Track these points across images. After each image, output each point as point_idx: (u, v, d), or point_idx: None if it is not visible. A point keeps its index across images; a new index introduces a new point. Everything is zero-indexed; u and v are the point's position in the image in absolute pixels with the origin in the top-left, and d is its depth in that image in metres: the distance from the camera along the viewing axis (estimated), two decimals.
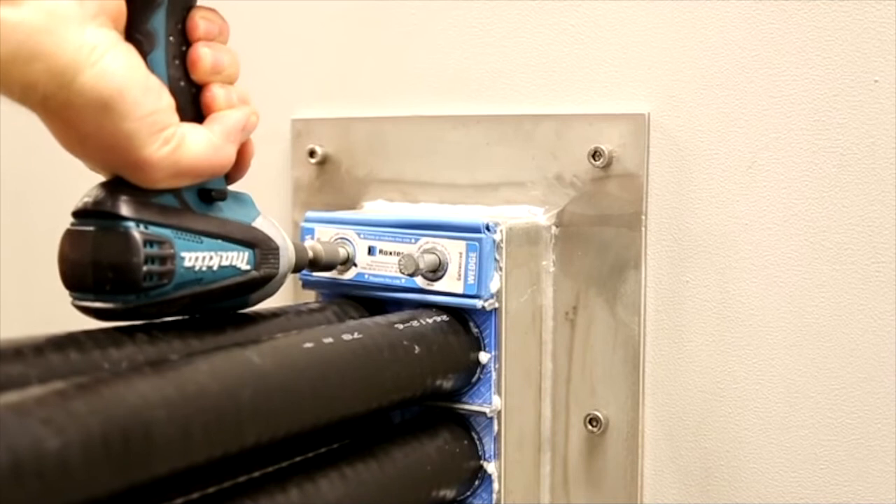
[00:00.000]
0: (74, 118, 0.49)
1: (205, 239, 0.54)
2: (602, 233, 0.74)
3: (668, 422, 0.74)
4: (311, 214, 0.75)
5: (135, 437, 0.42)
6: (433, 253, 0.69)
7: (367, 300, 0.72)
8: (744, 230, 0.71)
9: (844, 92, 0.67)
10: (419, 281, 0.69)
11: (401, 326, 0.63)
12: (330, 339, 0.56)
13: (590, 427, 0.75)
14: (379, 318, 0.63)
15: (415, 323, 0.64)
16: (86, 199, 0.53)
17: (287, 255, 0.60)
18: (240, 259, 0.56)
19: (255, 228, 0.57)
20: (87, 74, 0.48)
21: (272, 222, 0.59)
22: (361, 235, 0.72)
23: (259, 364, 0.50)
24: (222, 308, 0.58)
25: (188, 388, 0.46)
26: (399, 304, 0.71)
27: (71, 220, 0.53)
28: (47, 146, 0.52)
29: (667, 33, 0.72)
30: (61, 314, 0.54)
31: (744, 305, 0.71)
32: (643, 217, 0.73)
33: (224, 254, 0.55)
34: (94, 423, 0.41)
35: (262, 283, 0.58)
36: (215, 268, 0.54)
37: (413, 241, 0.70)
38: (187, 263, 0.53)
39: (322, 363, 0.54)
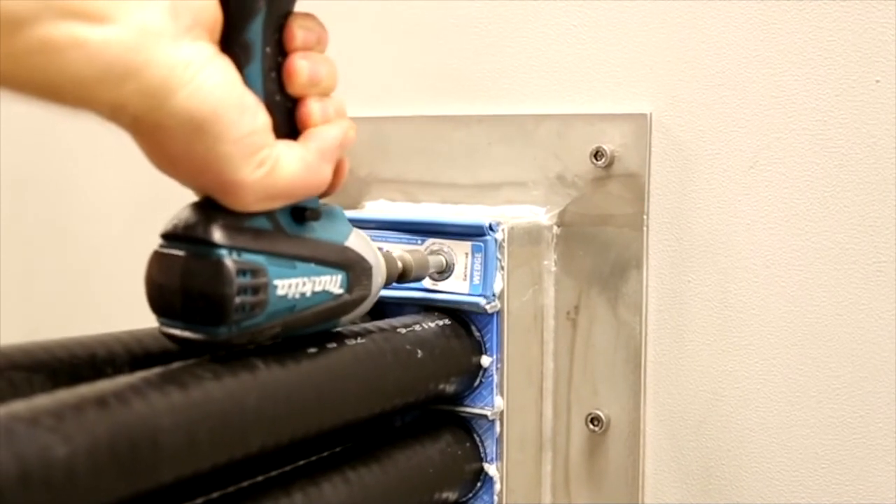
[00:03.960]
0: (165, 139, 0.46)
1: (298, 264, 0.51)
2: (604, 232, 0.74)
3: (669, 421, 0.74)
4: None
5: (141, 445, 0.42)
6: (439, 254, 0.69)
7: None
8: (745, 230, 0.71)
9: (846, 92, 0.67)
10: (425, 281, 0.70)
11: (403, 331, 0.63)
12: (334, 344, 0.56)
13: (591, 426, 0.75)
14: (381, 323, 0.63)
15: (417, 327, 0.64)
16: (175, 222, 0.49)
17: (379, 273, 0.57)
18: (332, 283, 0.53)
19: (348, 248, 0.55)
20: (181, 95, 0.44)
21: (364, 237, 0.56)
22: (370, 237, 0.72)
23: (264, 369, 0.50)
24: (310, 332, 0.55)
25: (194, 395, 0.46)
26: (401, 305, 0.71)
27: (160, 241, 0.50)
28: (48, 144, 0.51)
29: (669, 33, 0.72)
30: (61, 313, 0.54)
31: (745, 305, 0.71)
32: (645, 217, 0.73)
33: (317, 279, 0.52)
34: (102, 431, 0.41)
35: (354, 306, 0.55)
36: (308, 294, 0.52)
37: (419, 242, 0.70)
38: (280, 292, 0.50)
39: (326, 368, 0.54)
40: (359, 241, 0.56)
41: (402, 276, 0.63)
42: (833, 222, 0.68)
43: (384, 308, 0.72)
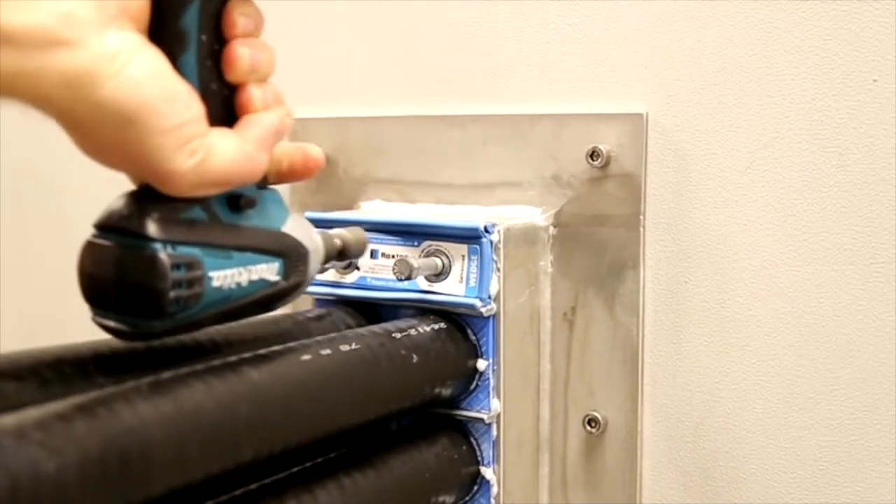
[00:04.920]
0: (93, 131, 0.45)
1: (234, 254, 0.51)
2: (600, 233, 0.74)
3: (666, 422, 0.74)
4: (310, 216, 0.74)
5: (132, 458, 0.42)
6: (436, 256, 0.69)
7: (366, 305, 0.71)
8: (742, 230, 0.70)
9: (843, 91, 0.67)
10: (421, 283, 0.69)
11: (398, 336, 0.62)
12: (328, 351, 0.55)
13: (588, 428, 0.75)
14: (376, 328, 0.62)
15: (412, 332, 0.64)
16: (110, 212, 0.49)
17: (316, 256, 0.56)
18: (269, 271, 0.52)
19: (285, 235, 0.54)
20: (108, 87, 0.43)
21: (301, 221, 0.56)
22: None
23: (256, 378, 0.50)
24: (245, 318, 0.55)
25: (185, 406, 0.45)
26: (396, 308, 0.71)
27: (93, 230, 0.50)
28: (47, 144, 0.50)
29: (664, 33, 0.72)
30: (60, 313, 0.53)
31: (742, 306, 0.71)
32: (641, 217, 0.73)
33: (253, 268, 0.51)
34: (91, 445, 0.41)
35: (290, 292, 0.55)
36: (244, 283, 0.51)
37: (416, 244, 0.70)
38: (215, 283, 0.49)
39: (320, 376, 0.54)
40: (296, 226, 0.55)
41: (341, 254, 0.61)
42: (831, 223, 0.68)
43: (380, 310, 0.71)
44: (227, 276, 0.50)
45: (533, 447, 0.75)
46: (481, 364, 0.69)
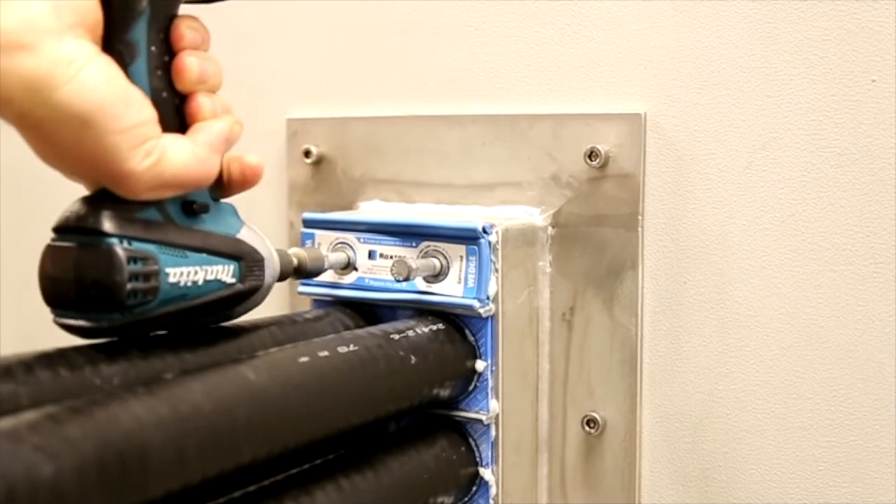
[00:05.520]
0: (52, 133, 0.48)
1: (189, 253, 0.53)
2: (599, 233, 0.74)
3: (665, 423, 0.74)
4: (308, 216, 0.75)
5: (129, 461, 0.42)
6: (434, 256, 0.69)
7: (364, 305, 0.71)
8: (741, 231, 0.70)
9: (842, 92, 0.67)
10: (420, 284, 0.69)
11: (396, 337, 0.62)
12: (326, 353, 0.55)
13: (587, 428, 0.75)
14: (374, 329, 0.62)
15: (410, 333, 0.64)
16: (67, 214, 0.51)
17: (272, 265, 0.58)
18: (225, 272, 0.55)
19: (240, 241, 0.56)
20: (65, 90, 0.46)
21: (256, 232, 0.58)
22: (361, 240, 0.72)
23: (254, 380, 0.50)
24: (206, 321, 0.57)
25: (182, 408, 0.45)
26: (394, 309, 0.71)
27: (52, 235, 0.52)
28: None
29: (663, 33, 0.72)
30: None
31: (741, 306, 0.71)
32: (640, 217, 0.72)
33: (209, 268, 0.54)
34: (88, 448, 0.41)
35: (247, 296, 0.57)
36: (200, 282, 0.53)
37: (414, 244, 0.70)
38: (172, 279, 0.52)
39: (318, 377, 0.54)
40: (251, 235, 0.58)
41: (297, 272, 0.63)
42: (830, 223, 0.68)
43: (378, 311, 0.71)
44: (183, 273, 0.53)
45: (532, 448, 0.75)
46: (480, 365, 0.69)
